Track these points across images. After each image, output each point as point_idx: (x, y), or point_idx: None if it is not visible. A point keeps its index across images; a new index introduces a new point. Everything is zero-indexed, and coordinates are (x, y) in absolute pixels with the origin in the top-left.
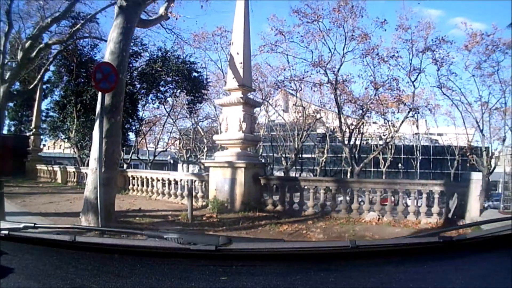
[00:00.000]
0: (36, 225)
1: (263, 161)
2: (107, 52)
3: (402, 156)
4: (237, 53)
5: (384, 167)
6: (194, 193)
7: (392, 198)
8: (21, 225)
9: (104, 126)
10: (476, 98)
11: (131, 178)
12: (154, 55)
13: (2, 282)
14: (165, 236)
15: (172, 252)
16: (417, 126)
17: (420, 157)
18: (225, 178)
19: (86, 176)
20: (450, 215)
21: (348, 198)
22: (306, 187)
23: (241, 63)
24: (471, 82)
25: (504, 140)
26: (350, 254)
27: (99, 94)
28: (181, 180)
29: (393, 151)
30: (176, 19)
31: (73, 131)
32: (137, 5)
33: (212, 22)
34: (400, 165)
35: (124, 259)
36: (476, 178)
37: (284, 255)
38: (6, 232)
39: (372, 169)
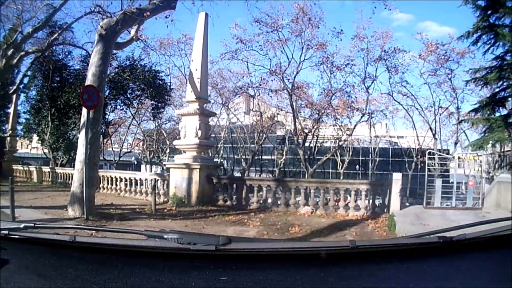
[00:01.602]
0: (36, 225)
1: (224, 162)
2: (89, 74)
3: (360, 158)
4: (196, 70)
5: (341, 168)
6: (157, 190)
7: (336, 197)
8: (21, 225)
9: (88, 135)
10: (430, 103)
11: (101, 178)
12: (123, 63)
13: (2, 282)
14: (165, 236)
15: (172, 252)
16: (371, 129)
17: (378, 159)
18: (183, 178)
19: (62, 175)
20: (375, 209)
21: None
22: (251, 185)
23: (199, 78)
24: (427, 88)
25: (456, 144)
26: (350, 254)
27: (85, 110)
28: (145, 179)
29: (351, 153)
30: (145, 40)
31: (48, 134)
32: (114, 33)
33: (178, 29)
34: (358, 166)
35: (124, 259)
36: (396, 178)
37: (284, 255)
38: (6, 232)
39: (330, 171)
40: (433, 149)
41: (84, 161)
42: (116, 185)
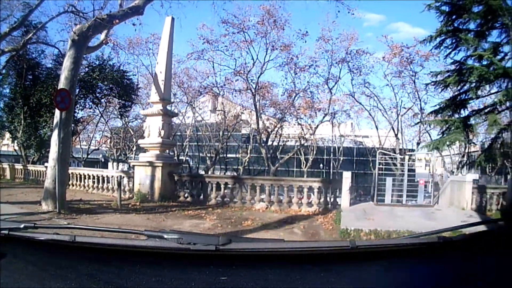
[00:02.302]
0: (36, 225)
1: (190, 160)
2: (62, 77)
3: (325, 157)
4: (160, 72)
5: (305, 167)
6: (122, 187)
7: (300, 194)
8: (21, 225)
9: (61, 134)
10: (393, 104)
11: (70, 175)
12: (93, 63)
13: (2, 282)
14: (165, 236)
15: (172, 252)
16: (333, 129)
17: (342, 158)
18: (147, 175)
19: (34, 173)
20: (327, 205)
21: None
22: (210, 182)
23: (163, 80)
24: (391, 89)
25: (418, 144)
26: (350, 254)
27: (57, 111)
28: (112, 176)
29: (315, 152)
30: (114, 44)
31: (20, 132)
32: (86, 38)
33: (147, 28)
34: (322, 165)
35: (124, 259)
36: (346, 176)
37: (284, 255)
38: (6, 232)
39: (294, 169)
40: (395, 149)
41: (57, 159)
42: (85, 182)
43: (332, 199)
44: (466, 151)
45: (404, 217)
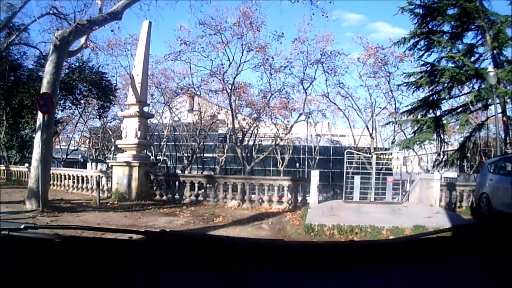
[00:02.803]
0: (36, 225)
1: (167, 160)
2: (44, 82)
3: (301, 156)
4: (137, 75)
5: (282, 166)
6: (101, 186)
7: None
8: (22, 225)
9: (43, 136)
10: (368, 104)
11: (51, 175)
12: (73, 65)
13: (3, 282)
14: (164, 236)
15: (171, 252)
16: (308, 128)
17: (319, 157)
18: (124, 175)
19: (16, 173)
20: (297, 203)
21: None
22: (184, 181)
23: (140, 83)
24: (366, 89)
25: (392, 143)
26: (350, 254)
27: (40, 114)
28: (91, 176)
29: (291, 151)
30: (92, 49)
31: (2, 133)
32: (67, 43)
33: (125, 30)
34: (298, 164)
35: (123, 258)
36: (314, 175)
37: (284, 255)
38: (6, 232)
39: (271, 168)
40: (370, 148)
41: (40, 160)
42: (65, 182)
43: (302, 197)
44: (442, 149)
45: (369, 213)
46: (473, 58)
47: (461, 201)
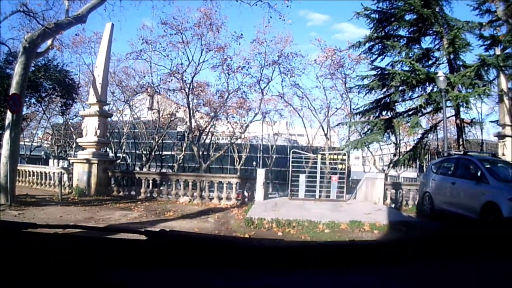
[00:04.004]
0: (36, 225)
1: (127, 157)
2: (13, 82)
3: (258, 154)
4: (98, 76)
5: (239, 164)
6: (63, 182)
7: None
8: (22, 225)
9: (12, 134)
10: (324, 104)
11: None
12: (39, 62)
13: (3, 282)
14: (164, 236)
15: (171, 252)
16: (263, 128)
17: (276, 156)
18: (84, 171)
19: None
20: (245, 199)
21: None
22: (140, 178)
23: (100, 83)
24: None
25: (346, 142)
26: (350, 254)
27: (9, 113)
28: (53, 173)
29: (248, 149)
30: (58, 50)
31: None
32: (35, 45)
33: (89, 28)
34: (255, 163)
35: (123, 257)
36: (260, 173)
37: (284, 255)
38: (6, 232)
39: (228, 167)
40: (324, 147)
41: (9, 157)
42: (29, 178)
43: (250, 193)
44: (398, 150)
45: (311, 209)
46: (430, 62)
47: (408, 200)
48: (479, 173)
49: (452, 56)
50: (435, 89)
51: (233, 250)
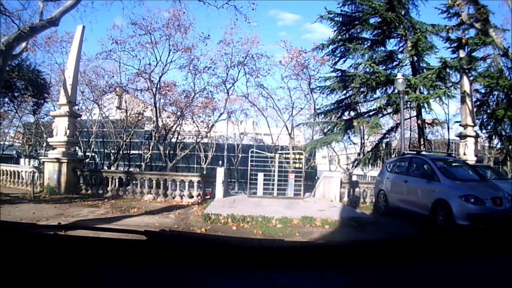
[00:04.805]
0: (36, 225)
1: (96, 156)
2: None
3: (225, 154)
4: (69, 77)
5: (205, 164)
6: (35, 181)
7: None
8: (21, 225)
9: None
10: (289, 104)
11: None
12: (12, 63)
13: (5, 280)
14: (164, 236)
15: (172, 252)
16: (228, 127)
17: (241, 155)
18: (54, 170)
19: None
20: (206, 197)
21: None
22: (107, 177)
23: (71, 84)
24: (291, 90)
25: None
26: (350, 254)
27: None
28: (25, 172)
29: (214, 149)
30: (32, 51)
31: None
32: (11, 48)
33: (62, 27)
34: (221, 162)
35: (124, 257)
36: (219, 171)
37: (284, 255)
38: (7, 232)
39: (195, 166)
40: (288, 147)
41: None
42: (2, 177)
43: (211, 191)
44: (362, 150)
45: (266, 206)
46: (394, 64)
47: (366, 198)
48: (430, 172)
49: (415, 59)
50: (395, 91)
51: (233, 250)
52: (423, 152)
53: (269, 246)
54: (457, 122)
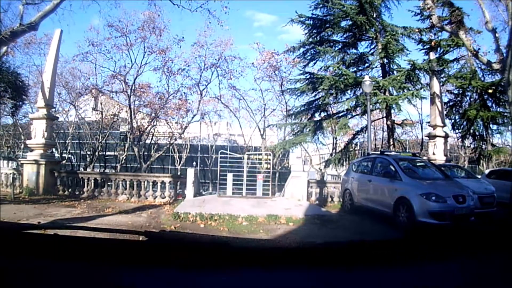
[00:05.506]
0: (36, 225)
1: (72, 157)
2: None
3: (199, 155)
4: (47, 80)
5: (179, 164)
6: (14, 183)
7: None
8: (22, 225)
9: None
10: (262, 106)
11: None
12: None
13: (3, 283)
14: (164, 236)
15: (172, 252)
16: (201, 128)
17: (215, 156)
18: (33, 172)
19: None
20: (177, 197)
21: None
22: (83, 178)
23: (48, 88)
24: (263, 92)
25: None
26: (350, 254)
27: None
28: (5, 173)
29: (188, 150)
30: (12, 55)
31: None
32: None
33: (40, 29)
34: (195, 163)
35: (124, 257)
36: (190, 172)
37: (284, 255)
38: (7, 232)
39: (169, 167)
40: (261, 147)
41: None
42: None
43: (182, 191)
44: (334, 150)
45: (235, 205)
46: (365, 66)
47: (333, 197)
48: (393, 172)
49: (386, 61)
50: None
51: (232, 251)
52: (387, 152)
53: (269, 246)
54: (428, 122)
